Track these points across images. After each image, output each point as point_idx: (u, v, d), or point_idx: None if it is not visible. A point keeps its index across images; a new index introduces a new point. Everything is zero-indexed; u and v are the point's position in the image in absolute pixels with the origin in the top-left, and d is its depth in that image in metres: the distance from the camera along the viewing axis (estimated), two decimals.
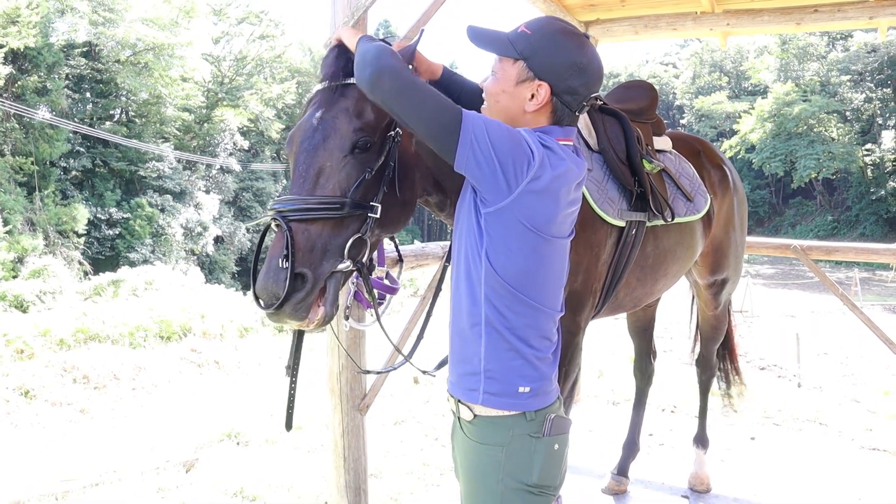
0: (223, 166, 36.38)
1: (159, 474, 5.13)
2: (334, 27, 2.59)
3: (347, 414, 2.81)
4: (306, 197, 1.59)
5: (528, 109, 1.57)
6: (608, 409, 5.23)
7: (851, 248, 4.83)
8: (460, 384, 1.61)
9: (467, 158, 1.44)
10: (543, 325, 1.57)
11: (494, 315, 1.52)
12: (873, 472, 4.06)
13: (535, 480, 1.55)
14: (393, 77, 1.48)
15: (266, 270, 1.54)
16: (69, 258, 26.53)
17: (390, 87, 1.48)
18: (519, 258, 1.50)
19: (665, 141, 2.82)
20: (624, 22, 4.82)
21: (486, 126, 1.45)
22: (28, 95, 27.38)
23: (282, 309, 1.52)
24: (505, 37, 1.59)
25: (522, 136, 1.49)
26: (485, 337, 1.54)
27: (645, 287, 2.60)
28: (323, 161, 1.63)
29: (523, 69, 1.56)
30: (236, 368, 12.18)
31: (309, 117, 1.69)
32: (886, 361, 8.49)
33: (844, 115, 37.55)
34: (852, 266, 25.42)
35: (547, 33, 1.56)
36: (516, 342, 1.54)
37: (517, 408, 1.55)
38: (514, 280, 1.51)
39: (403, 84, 1.48)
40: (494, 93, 1.61)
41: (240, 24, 38.69)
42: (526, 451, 1.55)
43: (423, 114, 1.47)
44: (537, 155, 1.46)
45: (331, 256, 1.59)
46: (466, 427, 1.61)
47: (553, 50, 1.54)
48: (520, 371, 1.55)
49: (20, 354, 10.86)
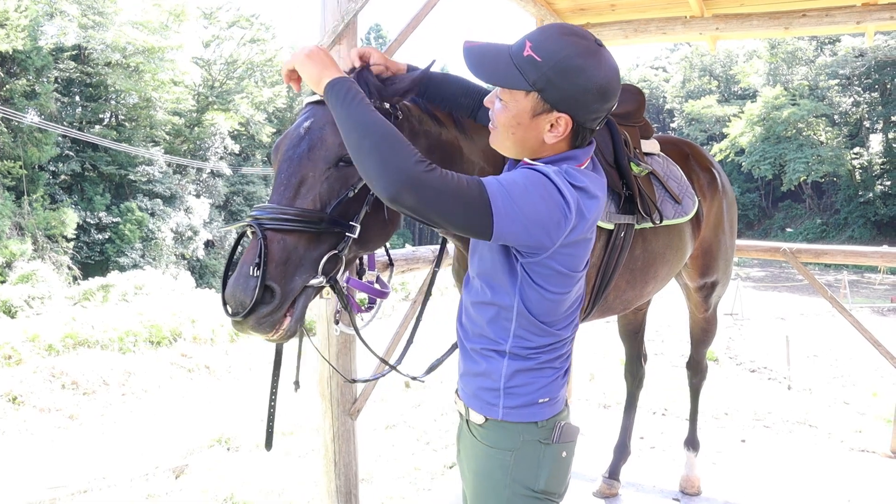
0: (214, 170, 36.29)
1: (149, 480, 5.10)
2: (324, 30, 2.58)
3: (338, 418, 2.79)
4: (285, 207, 1.53)
5: (549, 141, 1.47)
6: (599, 412, 5.24)
7: (840, 251, 4.86)
8: (477, 397, 1.60)
9: (502, 234, 1.36)
10: (565, 347, 1.60)
11: (520, 343, 1.54)
12: (863, 473, 4.08)
13: (542, 487, 1.56)
14: (413, 188, 1.30)
15: (236, 277, 1.49)
16: (58, 263, 26.39)
17: (414, 203, 1.31)
18: (551, 297, 1.51)
19: (653, 144, 2.82)
20: (614, 26, 4.84)
21: (513, 197, 1.34)
22: (16, 99, 27.23)
23: (246, 320, 1.46)
24: (509, 59, 1.43)
25: (553, 187, 1.37)
26: (508, 359, 1.54)
27: (634, 290, 2.61)
28: (306, 172, 1.57)
29: (538, 101, 1.42)
30: (227, 373, 12.12)
31: (296, 127, 1.64)
32: (875, 363, 8.54)
33: (833, 118, 37.87)
34: (841, 269, 25.61)
35: (561, 59, 1.38)
36: (539, 365, 1.56)
37: (535, 418, 1.56)
38: (545, 315, 1.52)
39: (425, 193, 1.30)
40: (507, 125, 1.48)
41: (230, 27, 38.64)
42: (534, 457, 1.56)
43: (452, 216, 1.33)
44: (572, 205, 1.38)
45: (304, 271, 1.53)
46: (476, 430, 1.61)
47: (571, 78, 1.39)
48: (540, 386, 1.57)
49: (8, 360, 10.76)
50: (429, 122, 1.88)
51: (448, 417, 5.76)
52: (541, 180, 1.37)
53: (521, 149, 1.50)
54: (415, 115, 1.84)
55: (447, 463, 4.43)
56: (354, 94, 1.42)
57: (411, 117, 1.81)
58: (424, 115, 1.87)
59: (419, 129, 1.83)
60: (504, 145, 1.53)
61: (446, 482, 4.12)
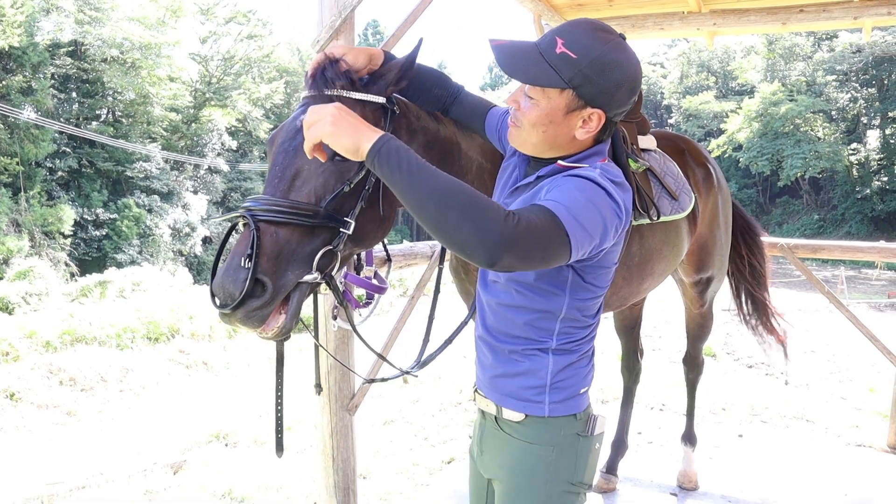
0: (211, 166, 36.21)
1: (147, 477, 5.10)
2: (321, 26, 2.58)
3: (336, 414, 2.80)
4: (279, 199, 1.50)
5: (580, 137, 1.46)
6: (597, 407, 5.24)
7: (837, 247, 4.87)
8: (517, 396, 1.57)
9: (576, 255, 1.33)
10: (595, 334, 1.62)
11: (565, 339, 1.54)
12: (860, 468, 4.10)
13: (580, 479, 1.57)
14: (510, 249, 1.21)
15: (226, 268, 1.45)
16: (55, 259, 26.33)
17: (512, 263, 1.24)
18: (600, 292, 1.54)
19: (650, 140, 2.82)
20: (611, 22, 4.83)
21: (580, 218, 1.29)
22: (13, 95, 27.16)
23: (234, 312, 1.42)
24: (540, 57, 1.40)
25: (603, 193, 1.35)
26: (553, 357, 1.54)
27: (631, 286, 2.61)
28: (301, 164, 1.55)
29: (573, 98, 1.40)
30: (225, 370, 12.11)
31: (293, 119, 1.63)
32: (872, 359, 8.55)
33: (830, 114, 37.87)
34: (838, 264, 25.64)
35: (596, 57, 1.37)
36: (580, 356, 1.57)
37: (576, 409, 1.56)
38: (589, 310, 1.55)
39: (519, 249, 1.22)
40: (537, 123, 1.44)
41: (227, 23, 38.50)
42: (574, 450, 1.56)
43: (538, 261, 1.28)
44: (622, 205, 1.39)
45: (297, 266, 1.49)
46: (513, 427, 1.58)
47: (606, 74, 1.38)
48: (581, 377, 1.58)
49: (5, 357, 10.75)
50: (426, 118, 1.87)
51: (446, 413, 5.77)
52: (592, 188, 1.35)
53: (549, 146, 1.49)
54: (412, 111, 1.82)
55: (445, 459, 4.44)
56: (408, 156, 1.26)
57: (409, 114, 1.80)
58: (421, 112, 1.86)
59: (417, 126, 1.82)
60: (528, 143, 1.50)
61: (444, 478, 4.13)
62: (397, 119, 1.73)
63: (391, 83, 1.68)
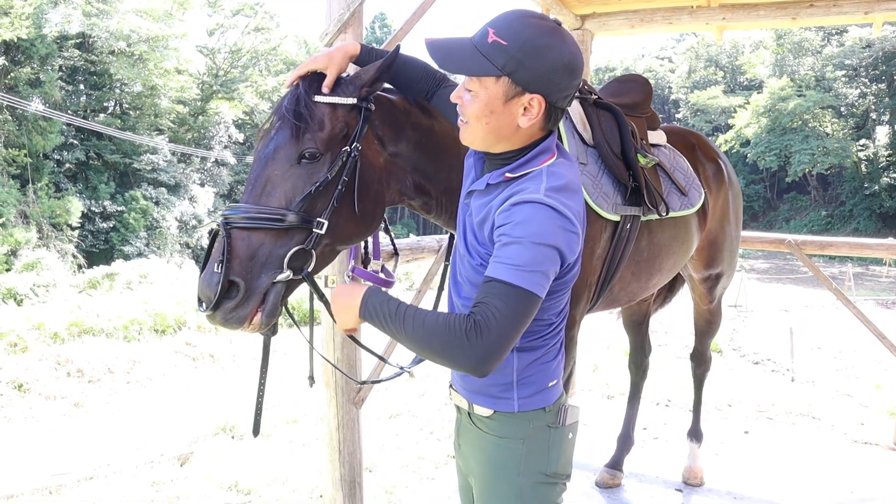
0: (218, 159, 36.28)
1: (153, 468, 5.13)
2: (330, 19, 2.58)
3: (343, 407, 2.80)
4: (250, 206, 1.60)
5: (523, 125, 1.45)
6: (603, 402, 5.25)
7: (846, 243, 4.85)
8: (485, 393, 1.59)
9: (545, 292, 1.39)
10: (563, 327, 1.62)
11: (529, 338, 1.54)
12: (865, 465, 4.09)
13: (554, 469, 1.58)
14: (487, 356, 1.32)
15: (203, 273, 1.58)
16: (63, 251, 26.45)
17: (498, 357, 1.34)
18: (562, 292, 1.53)
19: (660, 135, 2.81)
20: (620, 16, 4.81)
21: (538, 269, 1.35)
22: (21, 87, 27.23)
23: (214, 314, 1.56)
24: (473, 49, 1.42)
25: (553, 217, 1.37)
26: (518, 355, 1.55)
27: (640, 282, 2.60)
28: (271, 170, 1.63)
29: (509, 85, 1.41)
30: (231, 362, 12.15)
31: (268, 127, 1.71)
32: (878, 356, 8.53)
33: (839, 110, 37.63)
34: (845, 261, 25.52)
35: (526, 40, 1.38)
36: (546, 350, 1.57)
37: (545, 403, 1.57)
38: (553, 309, 1.55)
39: (493, 347, 1.32)
40: (479, 115, 1.45)
41: (234, 15, 38.50)
42: (545, 442, 1.57)
43: (519, 331, 1.36)
44: (574, 220, 1.41)
45: (270, 268, 1.59)
46: (482, 422, 1.61)
47: (538, 57, 1.38)
48: (549, 368, 1.59)
49: (14, 348, 10.80)
50: (417, 114, 1.89)
51: (451, 407, 5.77)
52: (540, 221, 1.36)
53: (496, 138, 1.48)
54: (399, 108, 1.85)
55: (451, 452, 4.45)
56: (385, 311, 1.40)
57: (395, 110, 1.83)
58: (413, 108, 1.88)
59: (405, 123, 1.84)
60: (476, 137, 1.50)
61: (450, 471, 4.14)
62: (379, 117, 1.77)
63: (366, 84, 1.71)
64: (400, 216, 49.63)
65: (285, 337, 1.80)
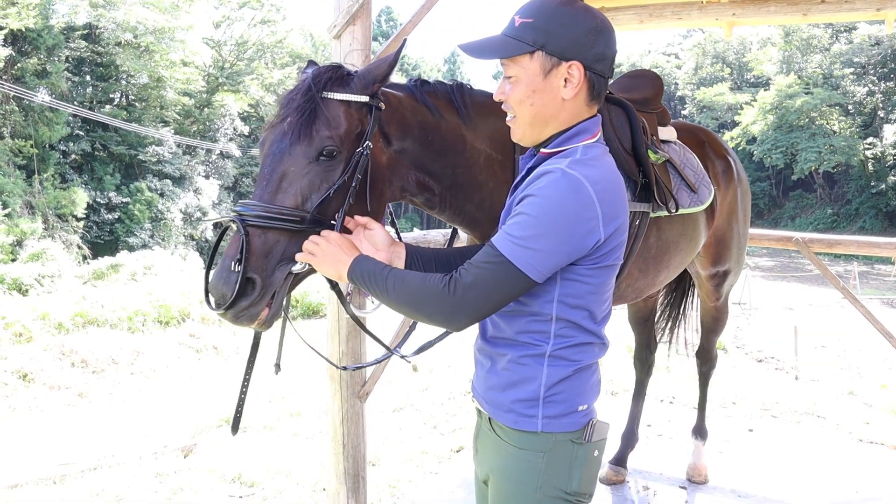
0: (223, 151, 36.30)
1: (157, 459, 5.14)
2: (339, 10, 2.56)
3: (347, 401, 2.80)
4: (267, 205, 1.57)
5: (567, 97, 1.44)
6: (607, 399, 5.24)
7: (853, 242, 4.81)
8: (508, 409, 1.50)
9: (544, 275, 1.38)
10: (601, 348, 1.55)
11: (562, 343, 1.47)
12: (870, 464, 4.07)
13: (575, 488, 1.48)
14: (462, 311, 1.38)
15: (219, 271, 1.55)
16: (68, 242, 26.53)
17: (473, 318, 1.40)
18: (596, 288, 1.47)
19: (670, 131, 2.79)
20: (629, 10, 4.78)
21: (533, 245, 1.34)
22: (28, 78, 27.28)
23: (227, 312, 1.54)
24: (503, 37, 1.46)
25: (571, 193, 1.35)
26: (548, 365, 1.48)
27: (647, 278, 2.59)
28: (287, 166, 1.60)
29: (545, 58, 1.43)
30: (234, 354, 12.20)
31: (280, 121, 1.66)
32: (884, 355, 8.50)
33: (846, 108, 37.45)
34: (851, 259, 25.46)
35: (550, 11, 1.43)
36: (580, 367, 1.49)
37: (573, 427, 1.48)
38: (586, 307, 1.48)
39: (469, 306, 1.38)
40: (523, 98, 1.46)
41: (241, 8, 38.46)
42: (567, 457, 1.48)
43: (501, 298, 1.39)
44: (596, 198, 1.37)
45: (285, 264, 1.59)
46: (503, 431, 1.53)
47: (565, 24, 1.42)
48: (580, 392, 1.50)
49: (19, 338, 10.85)
50: (425, 112, 1.87)
51: (455, 402, 5.78)
52: (555, 197, 1.35)
53: (543, 120, 1.47)
54: (406, 105, 1.84)
55: (454, 447, 4.45)
56: (373, 275, 1.47)
57: (402, 108, 1.82)
58: (420, 106, 1.87)
59: (412, 121, 1.83)
60: (524, 125, 1.50)
61: (453, 466, 4.14)
62: (387, 115, 1.76)
63: (377, 80, 1.70)
64: (404, 211, 49.64)
65: (288, 330, 1.77)
